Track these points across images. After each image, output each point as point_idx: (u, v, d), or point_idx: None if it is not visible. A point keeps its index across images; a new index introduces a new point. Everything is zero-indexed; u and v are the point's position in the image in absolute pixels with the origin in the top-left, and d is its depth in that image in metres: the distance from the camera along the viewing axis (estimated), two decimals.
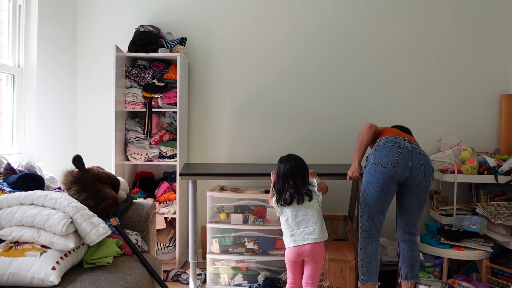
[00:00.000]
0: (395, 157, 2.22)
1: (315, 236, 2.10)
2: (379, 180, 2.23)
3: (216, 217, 2.82)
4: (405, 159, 2.22)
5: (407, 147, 2.26)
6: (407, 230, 2.35)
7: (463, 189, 3.17)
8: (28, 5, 2.84)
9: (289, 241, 2.15)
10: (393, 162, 2.21)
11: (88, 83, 3.43)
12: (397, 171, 2.21)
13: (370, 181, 2.27)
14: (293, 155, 2.27)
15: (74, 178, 2.08)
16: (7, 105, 2.76)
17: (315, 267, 2.13)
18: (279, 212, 2.21)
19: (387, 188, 2.24)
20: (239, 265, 2.74)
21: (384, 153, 2.25)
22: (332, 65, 3.32)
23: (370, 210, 2.28)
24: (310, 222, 2.13)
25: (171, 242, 3.16)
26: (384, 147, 2.27)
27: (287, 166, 2.20)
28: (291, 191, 2.15)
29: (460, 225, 2.72)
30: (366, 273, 2.28)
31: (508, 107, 3.15)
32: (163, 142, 3.20)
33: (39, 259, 1.63)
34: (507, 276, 2.50)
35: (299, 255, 2.12)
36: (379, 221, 2.31)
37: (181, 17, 3.38)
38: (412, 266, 2.35)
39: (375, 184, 2.24)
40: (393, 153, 2.23)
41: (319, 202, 2.19)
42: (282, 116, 3.36)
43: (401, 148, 2.24)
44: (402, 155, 2.22)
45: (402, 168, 2.22)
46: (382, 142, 2.32)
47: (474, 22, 3.25)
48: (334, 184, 3.25)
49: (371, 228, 2.30)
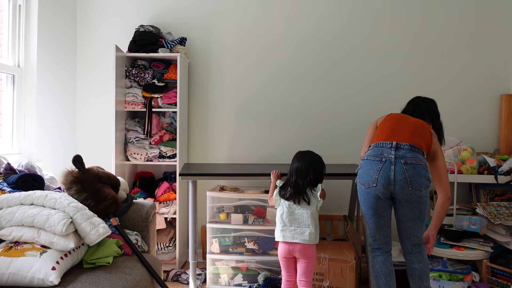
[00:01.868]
0: (375, 175, 2.06)
1: (304, 238, 2.13)
2: (367, 200, 2.15)
3: (216, 217, 2.82)
4: (386, 175, 2.04)
5: (390, 159, 2.05)
6: (409, 241, 2.18)
7: (463, 189, 3.17)
8: (28, 5, 2.84)
9: (279, 235, 2.19)
10: (373, 182, 2.07)
11: (88, 83, 3.43)
12: (379, 189, 2.06)
13: (361, 201, 2.20)
14: (309, 153, 2.26)
15: (74, 178, 2.08)
16: (7, 105, 2.76)
17: (307, 264, 2.15)
18: (277, 204, 2.24)
19: (376, 206, 2.14)
20: (239, 265, 2.74)
21: (366, 170, 2.12)
22: (331, 64, 3.32)
23: (370, 227, 2.23)
24: (303, 224, 2.16)
25: (171, 242, 3.16)
26: (366, 163, 2.14)
27: (299, 165, 2.22)
28: (293, 189, 2.19)
29: (460, 225, 2.72)
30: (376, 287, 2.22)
31: (508, 107, 3.15)
32: (163, 142, 3.20)
33: (39, 259, 1.63)
34: (507, 276, 2.50)
35: (289, 251, 2.17)
36: (381, 236, 2.20)
37: (181, 17, 3.39)
38: (421, 278, 2.17)
39: (364, 204, 2.17)
40: (373, 170, 2.07)
41: (317, 207, 2.20)
42: (282, 116, 3.36)
43: (382, 163, 2.06)
44: (382, 172, 2.04)
45: (384, 186, 2.05)
46: (367, 154, 2.17)
47: (474, 22, 3.25)
48: (334, 184, 3.25)
49: (374, 243, 2.24)
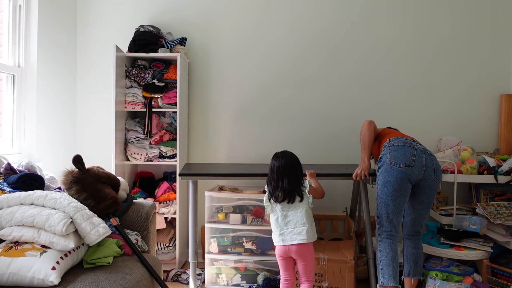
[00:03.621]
0: (412, 157, 2.23)
1: (303, 237, 2.13)
2: (397, 179, 2.22)
3: (215, 217, 2.82)
4: (420, 159, 2.24)
5: (419, 149, 2.29)
6: (414, 228, 2.37)
7: (463, 189, 3.17)
8: (28, 5, 2.84)
9: (278, 239, 2.18)
10: (410, 162, 2.22)
11: (88, 83, 3.43)
12: (414, 171, 2.23)
13: (388, 181, 2.24)
14: (288, 152, 2.25)
15: (74, 178, 2.08)
16: (7, 105, 2.76)
17: (305, 265, 2.16)
18: (269, 210, 2.22)
19: (404, 187, 2.23)
20: (238, 265, 2.74)
21: (401, 153, 2.25)
22: (332, 65, 3.32)
23: (389, 210, 2.24)
24: (299, 223, 2.15)
25: (171, 242, 3.16)
26: (398, 148, 2.27)
27: (282, 163, 2.18)
28: (284, 189, 2.15)
29: (460, 225, 2.72)
30: (386, 275, 2.22)
31: (508, 107, 3.15)
32: (163, 142, 3.20)
33: (39, 259, 1.63)
34: (507, 276, 2.50)
35: (286, 252, 2.17)
36: (397, 222, 2.28)
37: (181, 17, 3.38)
38: (416, 263, 2.35)
39: (393, 183, 2.22)
40: (409, 153, 2.24)
41: (309, 204, 2.20)
42: (282, 116, 3.35)
43: (415, 149, 2.26)
44: (417, 156, 2.24)
45: (418, 169, 2.24)
46: (394, 142, 2.32)
47: (473, 22, 3.25)
48: (334, 184, 3.25)
49: (391, 229, 2.26)
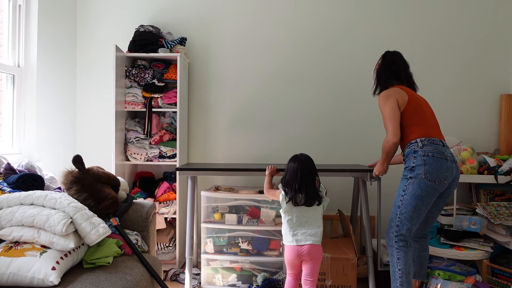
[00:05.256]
0: (446, 173, 2.15)
1: (316, 239, 2.13)
2: (429, 195, 2.15)
3: (211, 217, 2.81)
4: (451, 173, 2.18)
5: (451, 158, 2.19)
6: (423, 231, 2.36)
7: (463, 189, 3.17)
8: (28, 5, 2.84)
9: (291, 239, 2.15)
10: (444, 179, 2.15)
11: (88, 83, 3.43)
12: (445, 185, 2.18)
13: (420, 195, 2.14)
14: (307, 156, 2.22)
15: (74, 178, 2.08)
16: (7, 105, 2.76)
17: (314, 264, 2.15)
18: (285, 211, 2.16)
19: (432, 201, 2.19)
20: (233, 266, 2.73)
21: (436, 168, 2.14)
22: (332, 64, 3.32)
23: (413, 223, 2.18)
24: (314, 225, 2.15)
25: (171, 242, 3.16)
26: (434, 161, 2.15)
27: (306, 167, 2.15)
28: (309, 194, 2.13)
29: (460, 225, 2.72)
30: (405, 284, 2.18)
31: (508, 107, 3.15)
32: (163, 142, 3.20)
33: (39, 259, 1.63)
34: (507, 276, 2.50)
35: (298, 255, 2.13)
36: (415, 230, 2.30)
37: (181, 17, 3.39)
38: (422, 266, 2.36)
39: (424, 199, 2.15)
40: (443, 168, 2.15)
41: (324, 207, 2.20)
42: (282, 115, 3.35)
43: (447, 162, 2.16)
44: (450, 170, 2.17)
45: (450, 183, 2.20)
46: (429, 151, 2.17)
47: (474, 22, 3.25)
48: (334, 184, 3.25)
49: (408, 238, 2.21)
